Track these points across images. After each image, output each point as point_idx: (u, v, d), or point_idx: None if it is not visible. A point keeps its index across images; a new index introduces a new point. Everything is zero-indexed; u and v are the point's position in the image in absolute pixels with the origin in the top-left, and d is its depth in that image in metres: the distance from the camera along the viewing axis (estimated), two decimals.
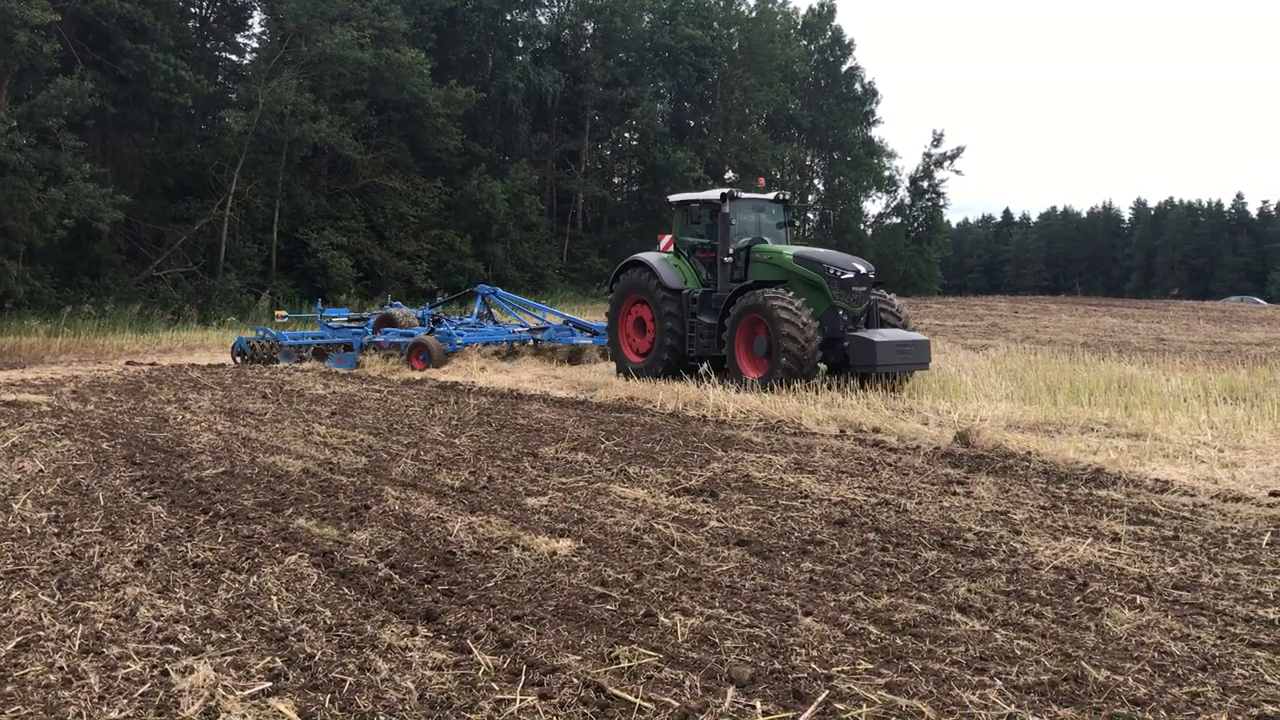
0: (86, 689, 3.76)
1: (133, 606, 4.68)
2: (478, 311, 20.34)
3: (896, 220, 71.50)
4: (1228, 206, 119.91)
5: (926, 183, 70.67)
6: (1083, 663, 4.03)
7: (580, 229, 53.14)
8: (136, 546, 5.73)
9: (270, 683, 3.82)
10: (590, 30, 54.13)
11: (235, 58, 43.23)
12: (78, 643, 4.21)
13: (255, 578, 5.14)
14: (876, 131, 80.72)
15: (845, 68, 70.10)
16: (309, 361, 18.70)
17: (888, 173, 70.75)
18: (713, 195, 15.41)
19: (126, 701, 3.65)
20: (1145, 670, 3.99)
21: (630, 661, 4.03)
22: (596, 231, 54.42)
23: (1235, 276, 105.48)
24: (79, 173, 28.93)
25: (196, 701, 3.62)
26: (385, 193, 40.52)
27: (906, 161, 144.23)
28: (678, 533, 6.10)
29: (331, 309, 23.50)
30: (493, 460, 8.63)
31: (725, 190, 15.27)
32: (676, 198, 16.70)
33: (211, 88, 37.79)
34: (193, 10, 40.59)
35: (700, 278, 15.40)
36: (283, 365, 18.33)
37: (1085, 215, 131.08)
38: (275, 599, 4.81)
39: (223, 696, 3.66)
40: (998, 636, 4.35)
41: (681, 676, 3.89)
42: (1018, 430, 10.12)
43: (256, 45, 41.89)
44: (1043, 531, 6.17)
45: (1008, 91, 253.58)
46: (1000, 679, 3.88)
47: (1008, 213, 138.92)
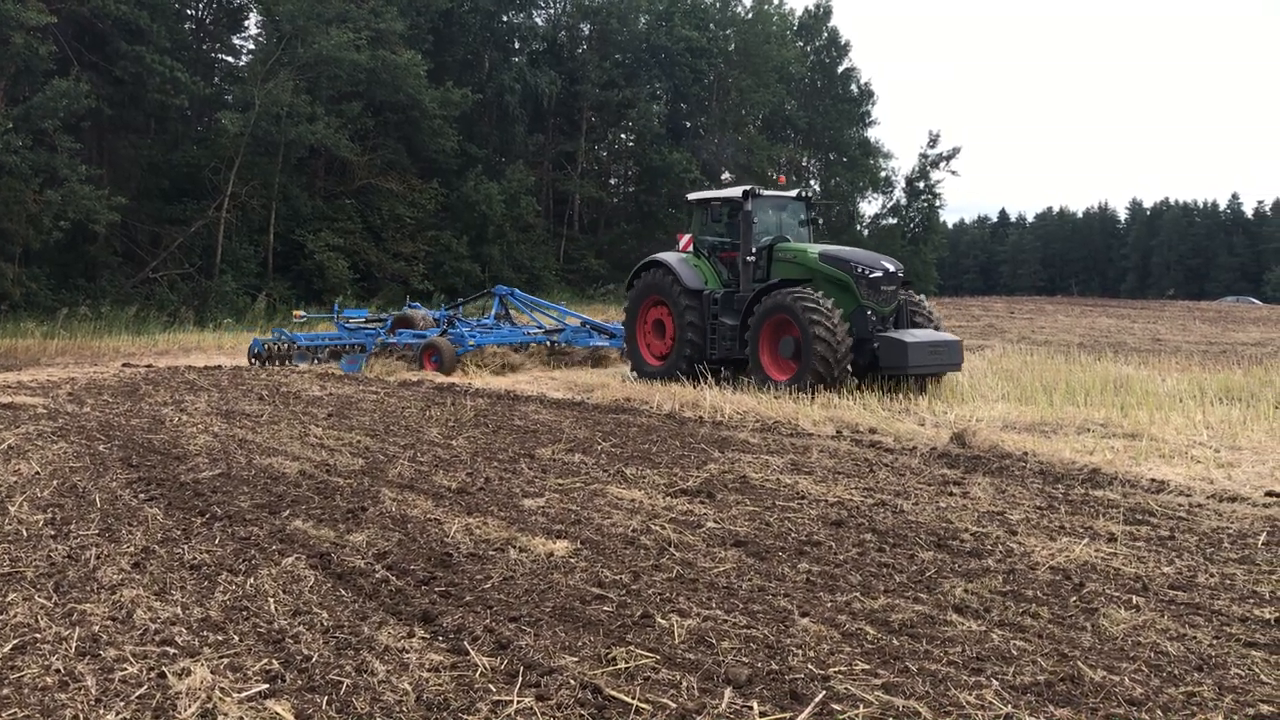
0: (83, 691, 3.76)
1: (129, 609, 4.67)
2: (495, 312, 20.06)
3: (893, 221, 71.51)
4: (1223, 207, 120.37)
5: (923, 183, 70.63)
6: (1079, 663, 4.04)
7: (577, 230, 53.07)
8: (133, 549, 5.73)
9: (267, 685, 3.82)
10: (586, 31, 54.05)
11: (231, 59, 43.15)
12: (74, 645, 4.21)
13: (252, 580, 5.14)
14: (873, 132, 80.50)
15: (841, 69, 70.08)
16: (326, 363, 18.51)
17: (884, 173, 70.80)
18: (735, 193, 15.03)
19: (123, 704, 3.65)
20: (1141, 670, 4.00)
21: (627, 662, 4.04)
22: (593, 233, 54.40)
23: (1231, 277, 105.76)
24: (75, 174, 28.84)
25: (194, 704, 3.62)
26: (382, 194, 40.50)
27: (903, 162, 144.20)
28: (675, 534, 6.10)
29: (351, 310, 23.36)
30: (490, 461, 8.63)
31: (747, 188, 14.87)
32: (696, 196, 16.29)
33: (208, 89, 37.69)
34: (189, 12, 40.48)
35: (721, 278, 14.98)
36: (302, 367, 18.15)
37: (1081, 216, 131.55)
38: (272, 601, 4.81)
39: (220, 698, 3.66)
40: (994, 637, 4.36)
41: (679, 677, 3.89)
42: (1014, 431, 10.15)
43: (253, 47, 41.85)
44: (1039, 532, 6.19)
45: (1004, 92, 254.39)
46: (997, 679, 3.89)
47: (1004, 213, 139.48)
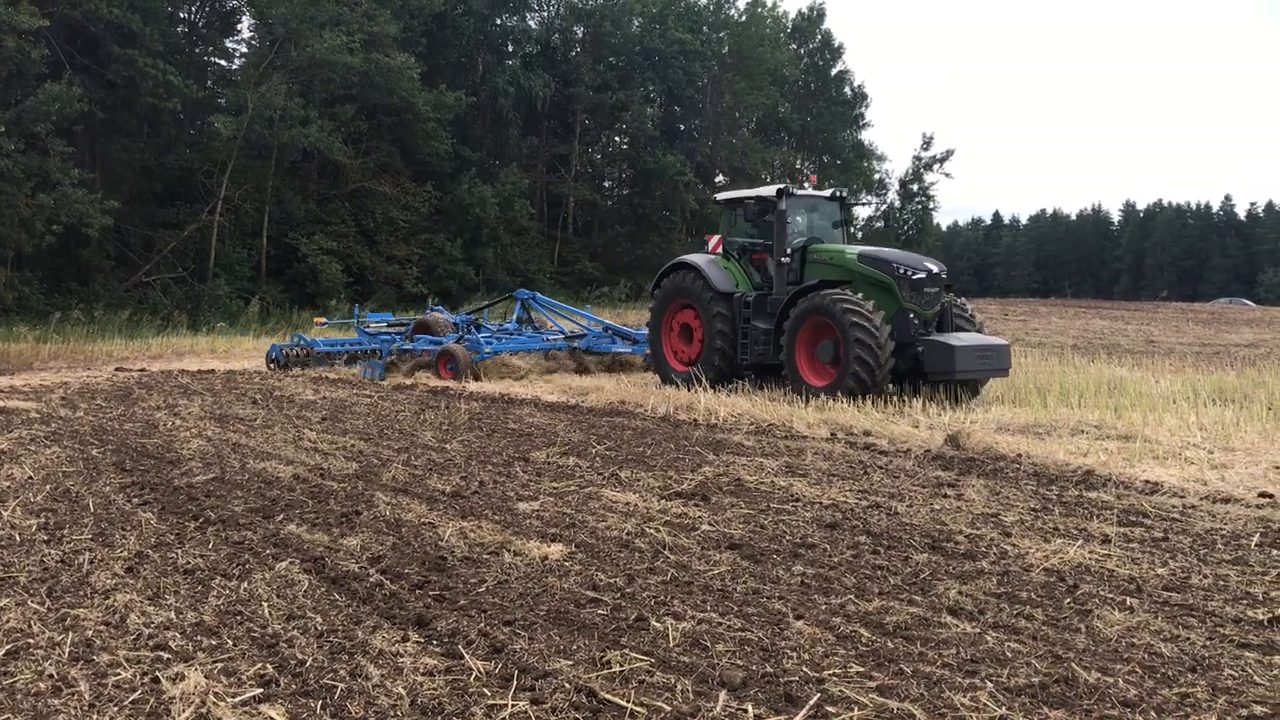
0: (76, 697, 3.74)
1: (123, 613, 4.66)
2: (517, 317, 19.61)
3: (881, 225, 71.54)
4: (1216, 209, 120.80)
5: (916, 185, 70.79)
6: (1073, 664, 4.04)
7: (571, 233, 53.07)
8: (127, 553, 5.71)
9: (261, 689, 3.81)
10: (580, 34, 54.06)
11: (224, 63, 43.11)
12: (68, 650, 4.19)
13: (246, 584, 5.13)
14: (866, 135, 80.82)
15: (835, 71, 70.15)
16: (345, 368, 18.32)
17: (877, 176, 70.93)
18: (768, 192, 14.53)
19: (117, 709, 3.64)
20: (1135, 671, 4.00)
21: (622, 666, 4.03)
22: (587, 235, 54.40)
23: (1224, 278, 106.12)
24: (67, 178, 28.76)
25: (187, 709, 3.61)
26: (375, 197, 40.48)
27: (896, 165, 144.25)
28: (669, 537, 6.10)
29: (374, 314, 23.17)
30: (484, 465, 8.62)
31: (781, 186, 14.38)
32: (724, 196, 15.80)
33: (201, 93, 37.63)
34: (181, 15, 40.42)
35: (752, 281, 14.51)
36: (316, 371, 18.06)
37: (1075, 218, 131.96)
38: (266, 605, 4.79)
39: (214, 704, 3.65)
40: (988, 639, 4.36)
41: (673, 680, 3.89)
42: (1008, 433, 10.16)
43: (245, 50, 41.81)
44: (1033, 534, 6.19)
45: (997, 95, 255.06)
46: (991, 681, 3.89)
47: (997, 215, 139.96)
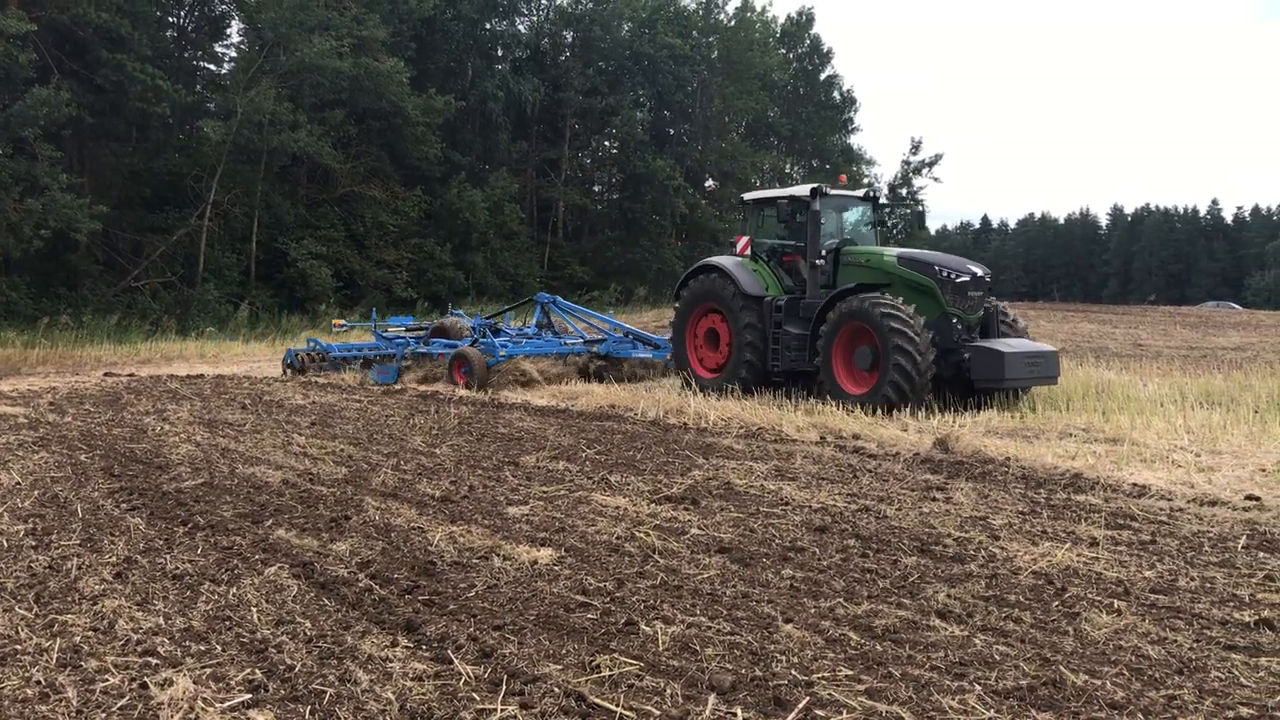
0: (64, 703, 3.73)
1: (111, 619, 4.65)
2: (537, 321, 19.27)
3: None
4: (1204, 213, 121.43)
5: (905, 190, 70.99)
6: (1061, 667, 4.06)
7: (561, 237, 53.09)
8: (115, 559, 5.69)
9: (250, 694, 3.80)
10: (570, 39, 54.08)
11: (213, 67, 42.94)
12: (55, 656, 4.18)
13: (235, 589, 5.11)
14: (855, 139, 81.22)
15: (824, 76, 70.30)
16: (359, 374, 17.97)
17: (867, 180, 71.06)
18: (801, 191, 14.08)
19: (105, 715, 3.63)
20: (1123, 674, 4.02)
21: (611, 670, 4.03)
22: (577, 240, 54.43)
23: (1211, 282, 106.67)
24: (56, 183, 28.64)
25: (176, 714, 3.60)
26: (365, 202, 40.42)
27: (885, 169, 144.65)
28: (659, 541, 6.10)
29: (395, 318, 22.92)
30: (473, 469, 8.62)
31: (815, 186, 13.98)
32: (752, 196, 15.27)
33: (189, 97, 37.53)
34: (170, 20, 40.32)
35: (782, 284, 14.06)
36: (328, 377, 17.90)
37: (1063, 222, 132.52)
38: (255, 610, 4.79)
39: (202, 709, 3.64)
40: (977, 642, 4.38)
41: (663, 685, 3.89)
42: (996, 436, 10.19)
43: (235, 55, 41.67)
44: (1021, 537, 6.21)
45: (986, 99, 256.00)
46: (979, 684, 3.90)
47: (986, 219, 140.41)
